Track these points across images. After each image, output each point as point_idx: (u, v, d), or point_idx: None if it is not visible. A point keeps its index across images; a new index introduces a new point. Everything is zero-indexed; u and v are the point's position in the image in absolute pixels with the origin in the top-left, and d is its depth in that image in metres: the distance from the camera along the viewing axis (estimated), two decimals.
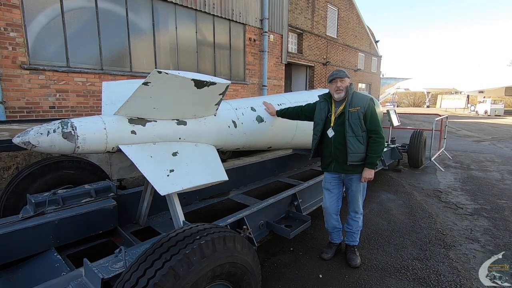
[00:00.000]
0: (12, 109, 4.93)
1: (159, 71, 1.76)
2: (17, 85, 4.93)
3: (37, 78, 5.14)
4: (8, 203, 2.37)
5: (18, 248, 1.99)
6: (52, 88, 5.34)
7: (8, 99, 4.84)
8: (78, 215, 2.27)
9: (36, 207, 2.19)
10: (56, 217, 2.17)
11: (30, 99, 5.11)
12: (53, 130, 1.68)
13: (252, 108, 2.94)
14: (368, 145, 2.48)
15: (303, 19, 13.30)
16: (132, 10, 6.37)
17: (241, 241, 1.51)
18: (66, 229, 2.21)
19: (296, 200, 3.04)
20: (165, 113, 2.13)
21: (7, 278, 1.86)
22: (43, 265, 1.97)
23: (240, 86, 9.01)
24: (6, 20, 4.74)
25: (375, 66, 20.59)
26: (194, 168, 2.16)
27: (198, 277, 1.23)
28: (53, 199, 2.29)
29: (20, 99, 5.01)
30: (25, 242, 2.01)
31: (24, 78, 5.01)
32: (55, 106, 5.43)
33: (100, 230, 2.41)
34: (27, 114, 5.11)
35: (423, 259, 2.74)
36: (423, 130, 6.39)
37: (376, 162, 2.47)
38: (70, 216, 2.23)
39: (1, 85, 4.73)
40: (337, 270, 2.54)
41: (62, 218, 2.19)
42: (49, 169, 2.55)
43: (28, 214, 2.13)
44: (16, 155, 2.73)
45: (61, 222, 2.18)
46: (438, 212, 3.92)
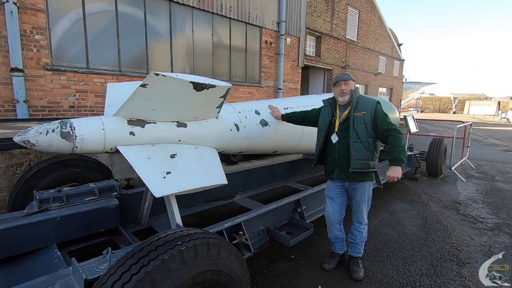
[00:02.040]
0: (35, 107, 5.18)
1: (156, 73, 1.77)
2: (40, 85, 5.18)
3: (58, 79, 5.37)
4: (17, 198, 2.46)
5: (21, 243, 2.05)
6: (72, 89, 5.56)
7: (31, 98, 5.09)
8: (80, 213, 2.32)
9: (40, 204, 2.26)
10: (58, 214, 2.22)
11: (52, 98, 5.35)
12: (52, 129, 1.72)
13: (256, 111, 2.90)
14: (388, 143, 2.31)
15: (322, 22, 13.13)
16: (150, 13, 6.54)
17: (227, 248, 1.47)
18: (68, 226, 2.26)
19: (300, 207, 2.97)
20: (165, 115, 2.13)
21: (8, 271, 1.93)
22: (42, 260, 2.03)
23: (255, 89, 9.01)
24: (32, 24, 5.00)
25: (397, 69, 19.95)
26: (192, 170, 2.15)
27: (177, 284, 1.20)
28: (58, 196, 2.36)
29: (43, 98, 5.25)
30: (28, 237, 2.07)
31: (47, 78, 5.25)
32: (75, 105, 5.65)
33: (101, 228, 2.45)
34: (48, 113, 5.35)
35: (432, 276, 2.58)
36: (444, 138, 6.08)
37: (402, 158, 2.27)
38: (72, 214, 2.28)
39: (25, 84, 4.98)
40: (338, 282, 2.44)
41: (65, 215, 2.25)
42: (57, 166, 2.63)
43: (32, 210, 2.20)
44: (28, 152, 2.86)
45: (64, 219, 2.24)
46: (455, 225, 3.69)
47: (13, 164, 2.81)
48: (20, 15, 4.82)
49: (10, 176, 2.79)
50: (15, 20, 4.71)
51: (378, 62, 17.48)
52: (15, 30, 4.72)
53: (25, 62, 4.94)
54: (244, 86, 8.68)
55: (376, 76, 17.40)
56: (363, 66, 16.17)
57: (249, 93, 8.85)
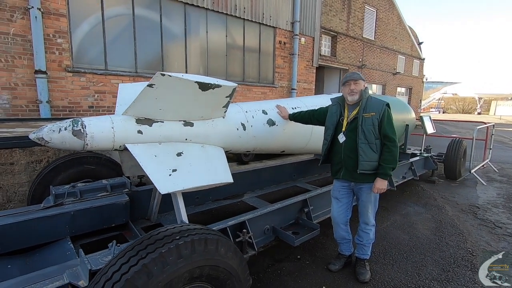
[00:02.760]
0: (57, 108, 5.44)
1: (162, 74, 1.82)
2: (61, 86, 5.44)
3: (78, 80, 5.62)
4: (35, 193, 2.61)
5: (37, 235, 2.17)
6: (92, 89, 5.79)
7: (53, 99, 5.35)
8: (92, 208, 2.43)
9: (56, 198, 2.38)
10: (72, 209, 2.33)
11: (72, 99, 5.60)
12: (64, 127, 1.81)
13: (264, 111, 2.92)
14: (382, 153, 2.32)
15: (338, 21, 12.95)
16: (166, 16, 6.70)
17: (226, 244, 1.50)
18: (81, 220, 2.37)
19: (307, 207, 2.96)
20: (172, 114, 2.18)
21: (25, 261, 2.05)
22: (56, 252, 2.14)
23: (268, 89, 9.01)
24: (54, 28, 5.25)
25: (417, 69, 19.33)
26: (197, 169, 2.18)
27: (173, 277, 1.24)
28: (72, 191, 2.48)
29: (64, 99, 5.50)
30: (43, 230, 2.19)
31: (68, 80, 5.50)
32: (94, 105, 5.89)
33: (112, 223, 2.55)
34: (69, 113, 5.60)
35: (443, 281, 2.49)
36: (463, 139, 5.84)
37: (389, 173, 2.30)
38: (85, 208, 2.39)
39: (48, 86, 5.23)
40: (343, 284, 2.41)
41: (78, 209, 2.36)
42: (72, 163, 2.76)
43: (48, 204, 2.33)
44: (47, 149, 3.02)
45: (77, 214, 2.35)
46: (471, 230, 3.55)
47: (33, 161, 2.97)
48: (44, 20, 5.08)
49: (30, 172, 2.95)
50: (39, 25, 4.97)
51: (396, 61, 17.02)
52: (39, 34, 4.98)
53: (48, 65, 5.20)
54: (258, 87, 8.71)
55: (394, 76, 16.95)
56: (380, 66, 15.80)
57: (263, 93, 8.87)
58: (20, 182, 2.92)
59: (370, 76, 15.19)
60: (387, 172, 2.28)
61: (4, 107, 4.88)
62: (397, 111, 4.81)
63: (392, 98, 5.43)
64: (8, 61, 4.84)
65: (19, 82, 4.95)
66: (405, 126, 4.92)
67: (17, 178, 2.91)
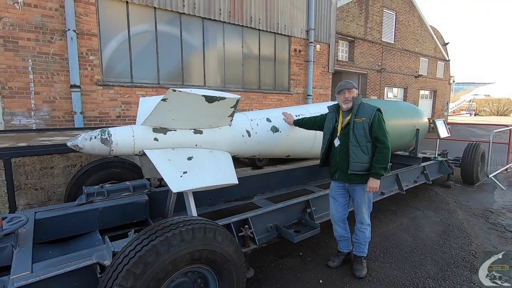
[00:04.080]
0: (89, 118, 6.02)
1: (174, 90, 2.16)
2: (93, 99, 6.03)
3: (107, 93, 6.19)
4: (71, 192, 3.03)
5: (71, 228, 2.57)
6: (119, 101, 6.35)
7: (86, 110, 5.94)
8: (117, 206, 2.80)
9: (87, 197, 2.78)
10: (100, 206, 2.72)
11: (102, 110, 6.18)
12: (94, 136, 2.19)
13: (268, 119, 3.18)
14: (374, 154, 2.50)
15: (355, 26, 13.00)
16: (186, 30, 7.19)
17: (223, 234, 1.77)
18: (108, 216, 2.75)
19: (309, 207, 3.16)
20: (183, 124, 2.51)
21: (62, 248, 2.43)
22: (87, 242, 2.51)
23: (284, 96, 9.26)
24: (87, 47, 5.87)
25: (441, 71, 18.72)
26: (206, 171, 2.48)
27: (177, 256, 1.53)
28: (100, 191, 2.87)
29: (95, 110, 6.09)
30: (77, 223, 2.59)
31: (98, 92, 6.08)
32: (121, 115, 6.44)
33: (134, 219, 2.90)
34: (99, 122, 6.18)
35: (439, 279, 2.59)
36: (481, 143, 5.73)
37: (381, 173, 2.46)
38: (111, 206, 2.77)
39: (81, 98, 5.84)
40: (339, 279, 2.59)
41: (105, 207, 2.74)
42: (101, 167, 3.18)
43: (81, 202, 2.72)
44: (80, 155, 3.47)
45: (104, 210, 2.73)
46: (479, 233, 3.56)
47: (69, 165, 3.43)
48: (78, 40, 5.70)
49: (66, 175, 3.41)
50: (74, 45, 5.58)
51: (418, 63, 16.64)
52: (74, 53, 5.59)
53: (82, 80, 5.80)
54: (273, 94, 8.98)
55: (416, 79, 16.57)
56: (401, 69, 15.54)
57: (278, 100, 9.13)
58: (58, 183, 3.39)
59: (391, 79, 14.98)
60: (379, 172, 2.45)
61: (45, 118, 5.51)
62: (406, 116, 4.89)
63: (402, 103, 5.48)
64: (48, 77, 5.48)
65: (57, 96, 5.57)
66: (415, 131, 4.96)
67: (56, 180, 3.37)
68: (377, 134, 2.48)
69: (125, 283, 1.40)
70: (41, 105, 5.43)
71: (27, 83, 5.25)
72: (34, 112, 5.35)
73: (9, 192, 2.94)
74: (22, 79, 5.20)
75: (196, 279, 1.77)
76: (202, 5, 7.20)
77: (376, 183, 2.49)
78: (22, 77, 5.20)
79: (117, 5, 6.17)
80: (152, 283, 1.47)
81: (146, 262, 1.45)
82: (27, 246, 1.94)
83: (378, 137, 2.48)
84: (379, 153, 2.47)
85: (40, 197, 3.29)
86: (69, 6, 5.42)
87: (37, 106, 5.38)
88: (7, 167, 2.92)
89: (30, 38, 5.22)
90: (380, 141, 2.48)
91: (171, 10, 6.77)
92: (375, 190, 2.51)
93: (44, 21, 5.32)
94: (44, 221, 2.43)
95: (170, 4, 6.72)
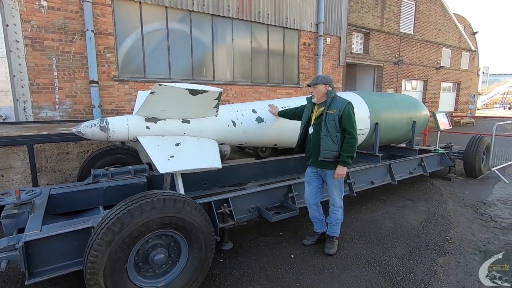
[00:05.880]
0: (106, 111, 6.59)
1: (160, 84, 2.50)
2: (109, 93, 6.57)
3: (123, 87, 6.72)
4: (82, 174, 3.50)
5: (80, 202, 3.02)
6: (133, 95, 6.85)
7: (103, 104, 6.50)
8: (119, 186, 3.22)
9: (94, 178, 3.22)
10: (105, 185, 3.15)
11: (118, 103, 6.72)
12: (94, 124, 2.58)
13: (253, 110, 3.46)
14: (343, 144, 2.71)
15: (371, 18, 12.76)
16: (196, 27, 7.55)
17: (192, 205, 2.10)
18: (111, 194, 3.17)
19: (291, 192, 3.42)
20: (172, 114, 2.85)
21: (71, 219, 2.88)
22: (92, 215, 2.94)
23: (293, 89, 9.42)
24: (104, 45, 6.39)
25: (466, 62, 17.83)
26: (191, 156, 2.82)
27: (148, 220, 1.88)
28: (106, 173, 3.30)
29: (111, 103, 6.64)
30: (84, 199, 3.03)
31: (115, 87, 6.62)
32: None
33: None
34: (116, 115, 6.70)
35: (404, 259, 2.78)
36: (485, 136, 5.64)
37: (348, 161, 2.67)
38: (114, 186, 3.19)
39: (99, 93, 6.40)
40: (310, 254, 2.85)
41: (109, 186, 3.17)
42: (107, 153, 3.62)
43: (88, 181, 3.17)
44: (92, 142, 3.94)
45: (108, 189, 3.16)
46: (463, 222, 3.65)
47: (82, 151, 3.93)
48: (96, 39, 6.22)
49: (80, 159, 3.90)
50: (92, 44, 6.12)
51: (440, 55, 16.00)
52: (92, 51, 6.13)
53: (99, 76, 6.35)
54: (282, 87, 9.17)
55: (437, 71, 15.95)
56: (421, 61, 15.04)
57: (287, 93, 9.31)
58: (73, 167, 3.89)
59: (409, 72, 14.58)
60: (345, 160, 2.67)
61: (68, 111, 6.12)
62: (402, 108, 4.96)
63: (400, 95, 5.51)
64: (70, 74, 6.06)
65: (78, 91, 6.16)
66: (412, 123, 5.02)
67: (71, 163, 3.88)
68: (346, 126, 2.69)
69: (105, 237, 1.77)
70: (64, 99, 6.04)
71: (52, 80, 5.86)
72: (58, 105, 5.97)
73: (32, 173, 3.46)
74: (48, 76, 5.81)
75: (170, 243, 2.12)
76: (211, 3, 7.52)
77: (343, 170, 2.71)
78: (48, 74, 5.81)
79: (131, 6, 6.63)
80: (128, 239, 1.84)
81: (123, 223, 1.82)
82: (39, 213, 2.38)
83: (346, 129, 2.69)
84: (346, 143, 2.68)
85: (58, 179, 3.81)
86: (87, 8, 5.93)
87: (61, 100, 5.99)
88: (30, 152, 3.43)
89: (54, 38, 5.80)
90: (348, 132, 2.68)
91: (181, 8, 7.15)
92: (342, 176, 2.73)
93: (66, 23, 5.87)
94: (57, 196, 2.89)
95: (181, 2, 7.09)
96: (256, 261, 2.74)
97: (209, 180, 4.06)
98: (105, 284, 1.79)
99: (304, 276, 2.50)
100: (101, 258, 1.76)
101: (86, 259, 1.80)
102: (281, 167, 4.83)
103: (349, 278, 2.47)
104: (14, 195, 2.36)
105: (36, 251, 1.97)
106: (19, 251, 1.86)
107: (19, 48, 5.47)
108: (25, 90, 5.59)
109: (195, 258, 2.15)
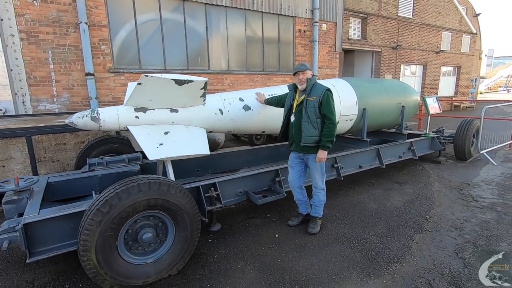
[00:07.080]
0: (103, 103, 6.72)
1: (146, 75, 2.61)
2: (106, 85, 6.69)
3: (119, 79, 6.82)
4: (79, 163, 3.68)
5: (77, 189, 3.20)
6: None
7: (100, 95, 6.63)
8: (114, 173, 3.39)
9: (89, 166, 3.39)
10: (100, 173, 3.32)
11: (115, 95, 6.84)
12: (86, 115, 2.72)
13: (241, 98, 3.57)
14: (323, 129, 2.83)
15: (368, 2, 12.60)
16: (189, 17, 7.57)
17: (177, 188, 2.26)
18: (106, 181, 3.34)
19: (278, 177, 3.57)
20: (160, 104, 2.98)
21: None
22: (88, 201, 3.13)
23: (289, 77, 9.44)
24: (98, 37, 6.46)
25: (467, 45, 17.58)
26: (180, 143, 2.96)
27: (135, 202, 2.04)
28: (101, 162, 3.47)
29: (108, 95, 6.76)
30: (80, 186, 3.21)
31: (111, 79, 6.73)
32: None
33: None
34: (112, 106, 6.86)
35: (382, 236, 2.94)
36: (474, 119, 5.72)
37: (328, 145, 2.80)
38: (108, 173, 3.36)
39: (96, 85, 6.51)
40: (293, 234, 3.02)
41: (104, 174, 3.34)
42: (102, 142, 3.78)
43: (84, 170, 3.34)
44: (88, 133, 4.10)
45: (103, 176, 3.33)
46: (445, 202, 3.79)
47: (78, 142, 4.09)
48: (90, 31, 6.29)
49: (77, 150, 4.08)
50: (87, 36, 6.19)
51: (440, 38, 15.80)
52: (87, 43, 6.21)
53: (95, 68, 6.45)
54: (278, 75, 9.21)
55: (437, 55, 15.80)
56: (420, 45, 14.89)
57: (283, 81, 9.35)
58: (70, 157, 4.07)
59: (408, 56, 14.47)
60: (326, 145, 2.80)
61: (65, 103, 6.26)
62: (391, 94, 5.04)
63: (389, 81, 5.57)
64: (67, 67, 6.17)
65: (75, 83, 6.28)
66: (401, 108, 5.10)
67: (69, 154, 4.05)
68: (325, 112, 2.81)
69: (95, 217, 1.95)
70: (62, 92, 6.17)
71: (49, 73, 5.97)
72: (56, 98, 6.11)
73: (32, 163, 3.64)
74: (44, 69, 5.92)
75: (157, 223, 2.29)
76: None
77: (324, 153, 2.84)
78: (44, 67, 5.92)
79: None
80: (116, 220, 2.01)
81: (111, 204, 1.98)
82: (38, 199, 2.56)
83: (326, 114, 2.81)
84: (326, 128, 2.81)
85: (56, 168, 3.99)
86: (80, 0, 5.98)
87: (58, 93, 6.12)
88: (29, 143, 3.60)
89: (48, 32, 5.88)
90: (328, 118, 2.80)
91: None
92: (323, 160, 2.86)
93: (59, 16, 5.94)
94: (54, 183, 3.07)
95: None
96: (242, 240, 2.92)
97: (203, 167, 4.23)
98: (96, 259, 1.97)
99: (286, 253, 2.68)
100: (92, 236, 1.94)
101: (79, 238, 1.97)
102: (274, 153, 4.97)
103: (328, 254, 2.65)
104: (13, 183, 2.54)
105: (35, 232, 2.15)
106: (19, 233, 2.04)
107: (15, 42, 5.57)
108: (23, 83, 5.72)
109: (181, 237, 2.33)
